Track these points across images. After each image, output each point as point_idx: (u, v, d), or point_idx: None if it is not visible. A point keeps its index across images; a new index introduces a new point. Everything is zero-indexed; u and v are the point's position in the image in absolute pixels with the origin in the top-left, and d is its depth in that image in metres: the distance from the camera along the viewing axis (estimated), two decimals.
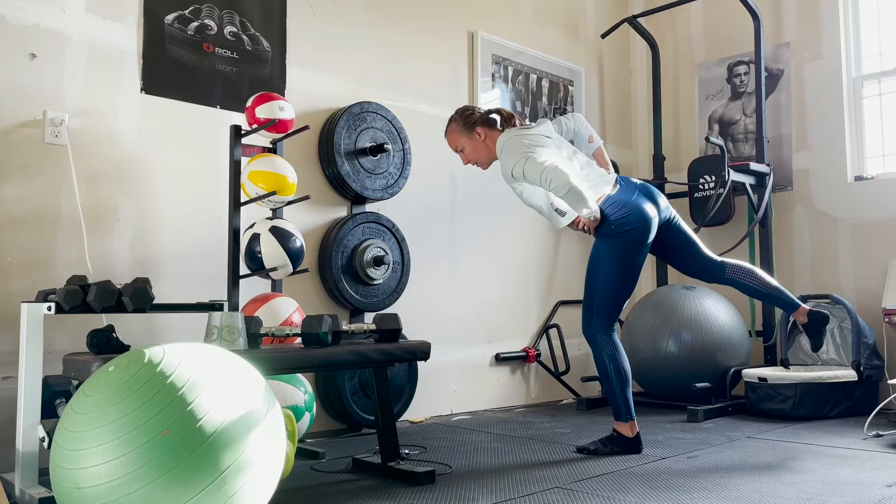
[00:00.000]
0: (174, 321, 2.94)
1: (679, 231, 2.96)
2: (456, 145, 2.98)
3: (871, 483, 2.31)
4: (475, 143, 2.93)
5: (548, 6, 4.68)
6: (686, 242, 2.97)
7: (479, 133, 2.92)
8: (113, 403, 1.55)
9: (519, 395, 4.31)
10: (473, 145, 2.94)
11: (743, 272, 2.95)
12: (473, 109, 2.97)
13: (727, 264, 2.97)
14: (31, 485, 2.12)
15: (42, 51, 2.70)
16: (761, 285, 2.95)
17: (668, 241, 2.96)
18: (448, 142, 3.01)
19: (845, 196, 4.22)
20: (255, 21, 3.28)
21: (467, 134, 2.93)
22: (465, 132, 2.94)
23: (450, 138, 2.99)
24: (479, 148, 2.94)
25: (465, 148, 2.95)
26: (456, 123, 2.96)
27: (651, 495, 2.20)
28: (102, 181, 2.82)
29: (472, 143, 2.94)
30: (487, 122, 2.93)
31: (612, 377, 2.82)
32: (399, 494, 2.25)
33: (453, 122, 2.97)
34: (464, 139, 2.94)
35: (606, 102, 5.06)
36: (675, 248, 2.98)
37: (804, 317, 2.97)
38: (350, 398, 3.27)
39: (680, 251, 2.98)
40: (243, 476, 1.58)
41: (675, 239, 2.96)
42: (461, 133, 2.94)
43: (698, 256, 2.97)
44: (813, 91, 4.38)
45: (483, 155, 2.95)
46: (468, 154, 2.96)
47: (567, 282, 4.66)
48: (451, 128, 2.98)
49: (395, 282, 3.60)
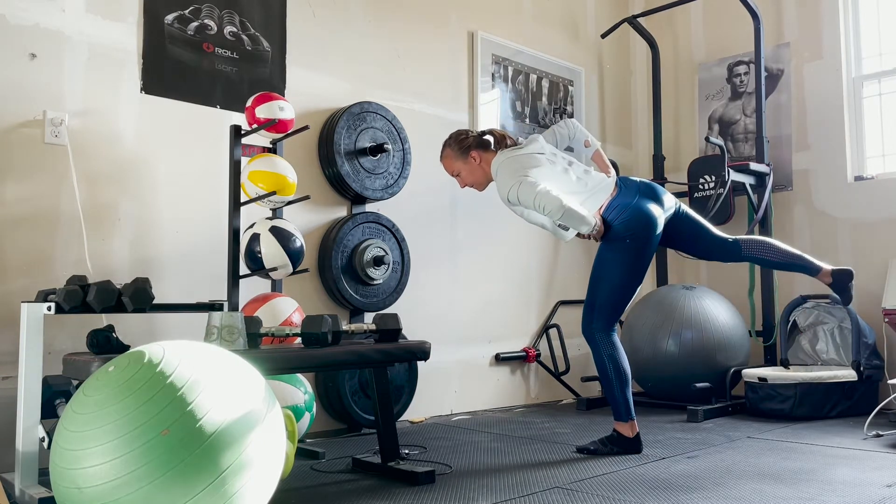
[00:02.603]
0: (174, 321, 2.94)
1: (688, 219, 2.98)
2: (452, 170, 3.02)
3: (871, 483, 2.31)
4: (471, 167, 2.97)
5: (548, 6, 4.68)
6: (698, 228, 2.99)
7: (475, 157, 2.95)
8: (113, 403, 1.55)
9: (519, 395, 4.31)
10: (469, 169, 2.97)
11: (759, 246, 2.96)
12: (467, 134, 3.00)
13: (741, 241, 2.98)
14: (31, 485, 2.12)
15: (42, 51, 2.70)
16: (779, 255, 2.96)
17: (679, 231, 2.97)
18: (444, 167, 3.05)
19: (845, 196, 4.22)
20: (255, 21, 3.28)
21: (462, 158, 2.97)
22: (460, 157, 2.97)
23: (445, 163, 3.02)
24: (476, 171, 2.97)
25: (462, 172, 2.99)
26: (450, 149, 2.99)
27: (651, 495, 2.20)
28: (102, 181, 2.82)
29: (467, 168, 2.97)
30: (482, 145, 2.96)
31: (611, 377, 2.82)
32: (399, 494, 2.25)
33: (447, 148, 3.01)
34: (459, 164, 2.98)
35: (606, 102, 5.06)
36: (689, 237, 3.00)
37: (829, 277, 2.96)
38: (350, 398, 3.27)
39: (693, 238, 3.00)
40: (243, 476, 1.58)
41: (686, 228, 2.98)
42: (456, 158, 2.98)
43: (713, 239, 3.00)
44: (813, 91, 4.38)
45: (479, 178, 2.99)
46: (465, 178, 3.00)
47: (567, 282, 4.66)
48: (445, 153, 3.01)
49: (395, 282, 3.60)
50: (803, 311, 4.05)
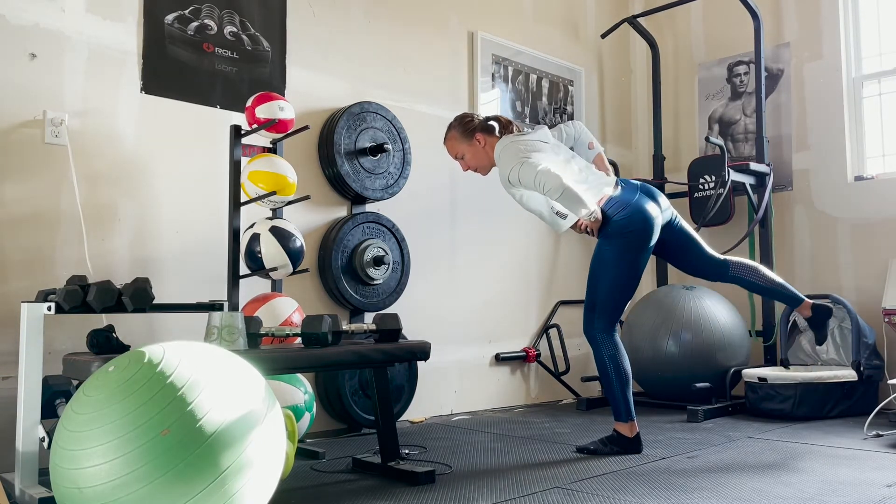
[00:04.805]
0: (174, 321, 2.94)
1: (681, 231, 2.97)
2: (455, 152, 3.01)
3: (871, 483, 2.31)
4: (475, 149, 2.97)
5: (548, 6, 4.68)
6: (688, 242, 2.99)
7: (479, 140, 2.95)
8: (113, 403, 1.55)
9: (519, 395, 4.31)
10: (473, 152, 2.97)
11: (746, 269, 2.98)
12: (472, 117, 3.00)
13: (730, 262, 2.99)
14: (31, 485, 2.12)
15: (42, 51, 2.70)
16: (765, 281, 2.98)
17: (670, 241, 2.96)
18: (447, 149, 3.04)
19: (845, 196, 4.22)
20: (255, 21, 3.28)
21: (467, 141, 2.96)
22: (464, 139, 2.97)
23: (449, 145, 3.02)
24: (479, 154, 2.97)
25: (465, 155, 2.99)
26: (455, 131, 2.99)
27: (651, 495, 2.20)
28: (102, 181, 2.82)
29: (471, 150, 2.97)
30: (486, 129, 2.96)
31: (612, 377, 2.82)
32: (399, 494, 2.25)
33: (452, 130, 3.00)
34: (463, 146, 2.98)
35: (606, 102, 5.06)
36: (678, 248, 2.99)
37: (808, 310, 3.02)
38: (350, 398, 3.27)
39: (683, 251, 3.00)
40: (243, 476, 1.58)
41: (677, 239, 2.97)
42: (461, 140, 2.98)
43: (701, 255, 2.99)
44: (813, 91, 4.38)
45: (483, 161, 2.98)
46: (468, 161, 2.99)
47: (567, 282, 4.66)
48: (450, 135, 3.01)
49: (395, 282, 3.60)
50: None
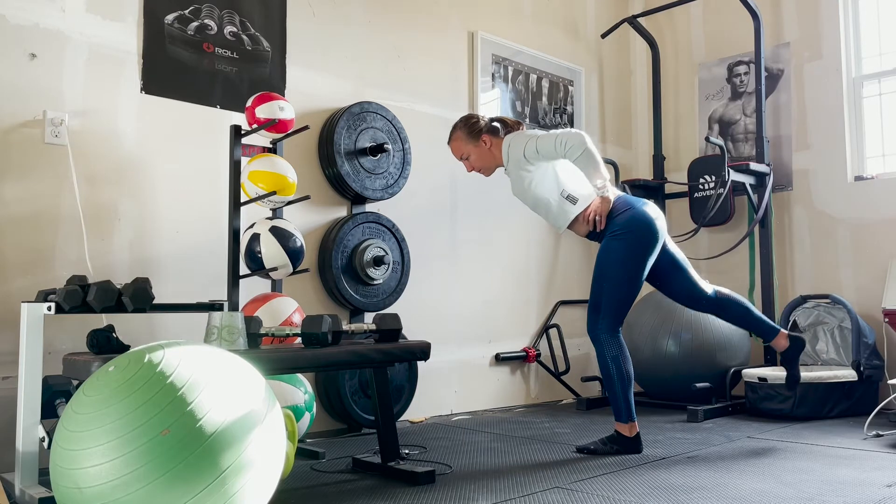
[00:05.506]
0: (174, 321, 2.94)
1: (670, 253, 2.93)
2: (461, 153, 3.01)
3: (871, 483, 2.31)
4: (481, 150, 2.98)
5: (548, 6, 4.68)
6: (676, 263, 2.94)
7: (486, 141, 2.97)
8: (113, 403, 1.55)
9: (519, 395, 4.30)
10: (479, 153, 2.98)
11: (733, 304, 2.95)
12: (478, 118, 3.01)
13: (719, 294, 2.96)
14: (31, 485, 2.12)
15: (42, 51, 2.70)
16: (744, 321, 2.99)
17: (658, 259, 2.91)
18: (452, 149, 3.04)
19: (845, 196, 4.22)
20: (255, 21, 3.28)
21: (473, 142, 2.97)
22: (470, 140, 2.98)
23: (454, 146, 3.02)
24: (485, 155, 2.98)
25: (471, 156, 2.99)
26: (461, 131, 2.99)
27: (651, 495, 2.20)
28: (102, 181, 2.82)
29: (477, 151, 2.98)
30: (492, 131, 2.98)
31: (614, 378, 2.82)
32: (399, 494, 2.25)
33: (458, 131, 3.00)
34: (469, 147, 2.98)
35: (606, 102, 5.06)
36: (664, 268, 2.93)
37: (785, 340, 2.98)
38: (350, 398, 3.27)
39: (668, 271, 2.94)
40: (243, 476, 1.58)
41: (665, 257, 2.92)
42: (466, 141, 2.98)
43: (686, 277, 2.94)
44: (813, 91, 4.38)
45: (488, 162, 2.99)
46: (473, 162, 3.00)
47: (567, 282, 4.66)
48: (455, 136, 3.01)
49: (395, 282, 3.60)
50: (803, 311, 4.05)
